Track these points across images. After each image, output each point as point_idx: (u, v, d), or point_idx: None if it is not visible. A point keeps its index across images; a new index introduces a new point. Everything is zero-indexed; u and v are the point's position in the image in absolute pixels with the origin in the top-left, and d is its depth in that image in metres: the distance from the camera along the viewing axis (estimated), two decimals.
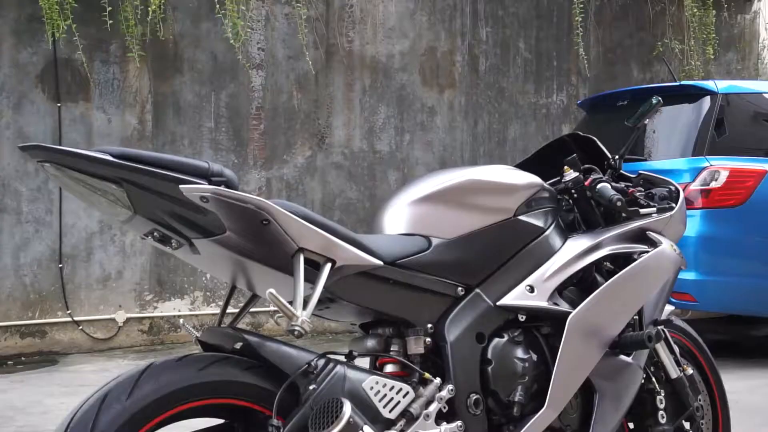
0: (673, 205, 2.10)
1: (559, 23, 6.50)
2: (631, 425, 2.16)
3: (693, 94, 4.61)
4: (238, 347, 1.53)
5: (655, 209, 2.03)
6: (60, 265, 5.07)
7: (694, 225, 4.23)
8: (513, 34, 6.38)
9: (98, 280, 5.20)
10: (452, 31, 6.19)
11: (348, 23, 5.87)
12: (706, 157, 4.34)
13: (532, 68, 6.44)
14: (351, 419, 1.38)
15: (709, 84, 4.63)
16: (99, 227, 5.20)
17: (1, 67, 4.95)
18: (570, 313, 1.78)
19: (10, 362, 4.89)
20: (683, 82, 4.76)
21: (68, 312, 5.08)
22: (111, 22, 4.85)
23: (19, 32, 5.02)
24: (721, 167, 4.30)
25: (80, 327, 5.11)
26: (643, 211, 2.01)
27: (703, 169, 4.30)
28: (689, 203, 4.26)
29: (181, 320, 1.78)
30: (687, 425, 2.21)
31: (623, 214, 2.00)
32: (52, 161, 1.34)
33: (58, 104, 5.05)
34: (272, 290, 1.38)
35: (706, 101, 4.53)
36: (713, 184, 4.26)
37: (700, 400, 2.24)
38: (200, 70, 5.46)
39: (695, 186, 4.27)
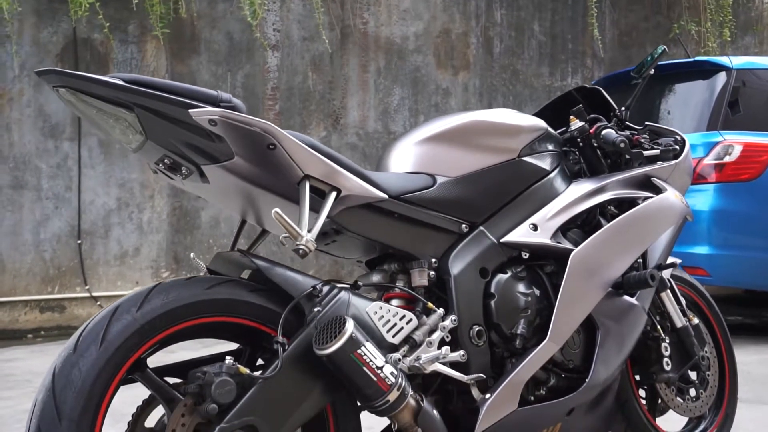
0: (676, 148, 2.11)
1: (574, 5, 6.49)
2: (637, 377, 2.18)
3: (708, 70, 4.60)
4: (246, 277, 1.57)
5: (658, 151, 2.05)
6: (79, 242, 5.15)
7: (707, 199, 4.23)
8: (527, 16, 6.39)
9: (116, 257, 5.28)
10: (466, 13, 6.21)
11: (363, 4, 5.90)
12: (720, 131, 4.33)
13: (546, 51, 6.44)
14: (353, 335, 1.41)
15: (724, 60, 4.61)
16: (117, 205, 5.28)
17: (22, 46, 5.04)
18: (573, 250, 1.80)
19: (29, 335, 4.99)
20: (698, 58, 4.74)
21: (87, 287, 5.16)
22: (136, 0, 4.91)
23: (40, 12, 5.11)
24: (735, 141, 4.29)
25: (98, 302, 5.20)
26: (646, 153, 2.03)
27: (717, 143, 4.29)
28: (702, 178, 4.25)
29: (192, 254, 1.82)
30: (693, 376, 2.23)
31: (627, 156, 2.02)
32: (67, 86, 1.38)
33: None
34: (278, 209, 1.42)
35: (721, 77, 4.52)
36: (727, 159, 4.25)
37: (706, 352, 2.25)
38: (217, 51, 5.53)
39: (709, 160, 4.26)
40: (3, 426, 2.79)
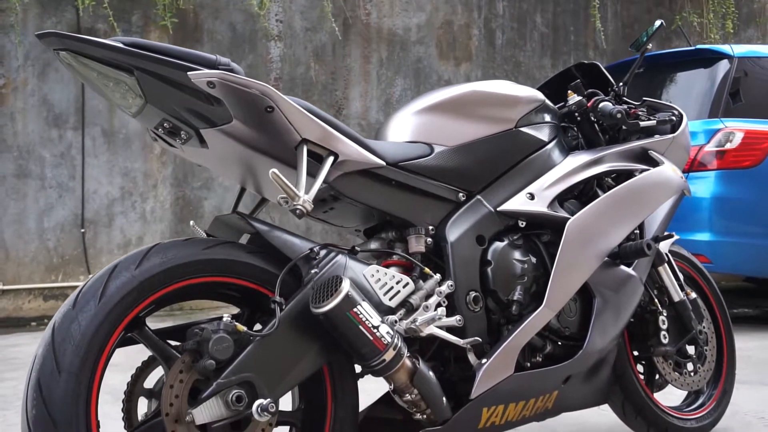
0: (673, 119, 2.12)
1: None
2: (635, 353, 2.19)
3: (709, 59, 4.60)
4: (245, 241, 1.59)
5: (654, 122, 2.06)
6: (82, 230, 5.18)
7: (708, 186, 4.23)
8: (530, 8, 6.40)
9: (119, 246, 5.31)
10: (469, 4, 6.22)
11: None
12: (721, 119, 4.33)
13: (548, 42, 6.45)
14: (349, 293, 1.42)
15: (726, 48, 4.62)
16: (120, 194, 5.31)
17: (26, 36, 5.06)
18: (569, 219, 1.81)
19: (33, 323, 5.02)
20: (699, 46, 4.74)
21: (90, 276, 5.18)
22: None
23: (44, 1, 5.13)
24: (736, 129, 4.29)
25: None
26: (643, 123, 2.04)
27: (718, 130, 4.29)
28: (703, 165, 4.26)
29: (191, 222, 1.84)
30: (691, 351, 2.24)
31: (624, 128, 2.03)
32: (67, 48, 1.40)
33: None
34: (275, 170, 1.43)
35: (722, 65, 4.53)
36: (728, 146, 4.25)
37: (704, 327, 2.26)
38: (219, 41, 5.55)
39: (710, 147, 4.26)
40: (7, 404, 2.81)
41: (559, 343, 1.81)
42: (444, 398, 1.58)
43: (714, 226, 4.22)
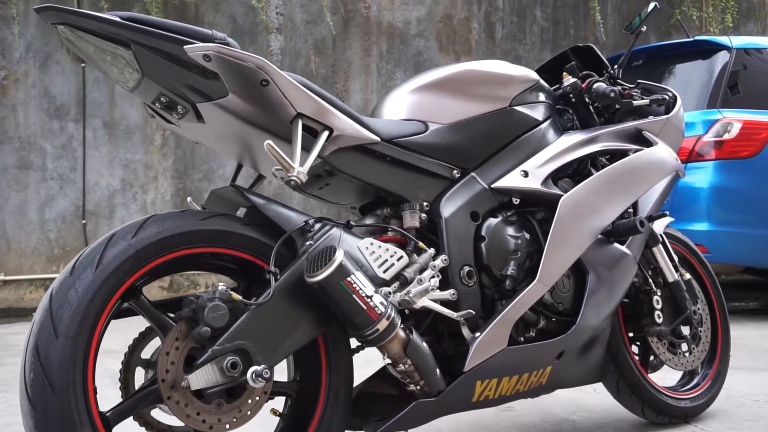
0: (666, 98, 2.14)
1: None
2: (630, 334, 2.20)
3: (707, 50, 4.61)
4: (241, 216, 1.61)
5: (647, 101, 2.08)
6: (83, 222, 5.21)
7: (706, 176, 4.24)
8: (529, 1, 6.41)
9: None
10: None
11: None
12: (719, 109, 4.35)
13: (548, 36, 6.46)
14: (343, 263, 1.44)
15: (724, 39, 4.63)
16: (121, 185, 5.33)
17: (27, 28, 5.09)
18: (562, 195, 1.83)
19: (34, 314, 5.04)
20: (698, 38, 4.75)
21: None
22: None
23: None
24: (734, 119, 4.30)
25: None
26: (636, 102, 2.06)
27: (716, 121, 4.30)
28: (701, 155, 4.27)
29: (189, 198, 1.86)
30: (686, 332, 2.25)
31: (617, 106, 2.04)
32: (65, 23, 1.42)
33: (83, 65, 5.19)
34: (270, 141, 1.45)
35: (721, 56, 4.54)
36: (726, 136, 4.26)
37: (698, 308, 2.27)
38: None
39: (708, 138, 4.27)
40: (8, 386, 2.84)
41: (553, 318, 1.83)
42: (437, 370, 1.60)
43: (712, 216, 4.23)
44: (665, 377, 2.27)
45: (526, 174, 1.85)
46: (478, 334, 1.67)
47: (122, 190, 5.34)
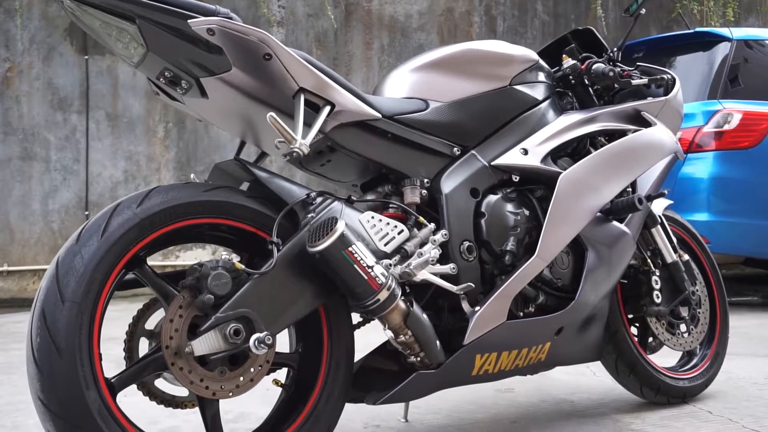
0: (664, 77, 2.16)
1: None
2: (630, 316, 2.22)
3: (708, 42, 4.63)
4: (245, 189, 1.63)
5: (646, 80, 2.10)
6: (86, 213, 5.23)
7: (706, 167, 4.26)
8: None
9: None
10: None
11: None
12: (720, 100, 4.36)
13: (550, 30, 6.48)
14: (344, 233, 1.46)
15: (725, 31, 4.64)
16: (124, 177, 5.36)
17: (31, 20, 5.12)
18: (561, 172, 1.85)
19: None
20: (698, 29, 4.77)
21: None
22: None
23: None
24: (735, 110, 4.31)
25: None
26: (635, 81, 2.08)
27: (716, 112, 4.32)
28: (702, 146, 4.29)
29: (192, 175, 1.88)
30: (685, 313, 2.27)
31: (616, 86, 2.06)
32: None
33: (86, 57, 5.21)
34: (272, 113, 1.47)
35: (721, 48, 4.55)
36: (726, 127, 4.28)
37: (697, 290, 2.29)
38: None
39: (708, 128, 4.29)
40: (12, 369, 2.87)
41: (552, 294, 1.84)
42: (437, 342, 1.62)
43: (712, 206, 4.25)
44: (664, 362, 2.29)
45: (525, 152, 1.87)
46: (477, 308, 1.69)
47: (125, 182, 5.36)
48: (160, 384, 1.55)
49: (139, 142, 5.36)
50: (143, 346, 1.52)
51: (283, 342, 1.60)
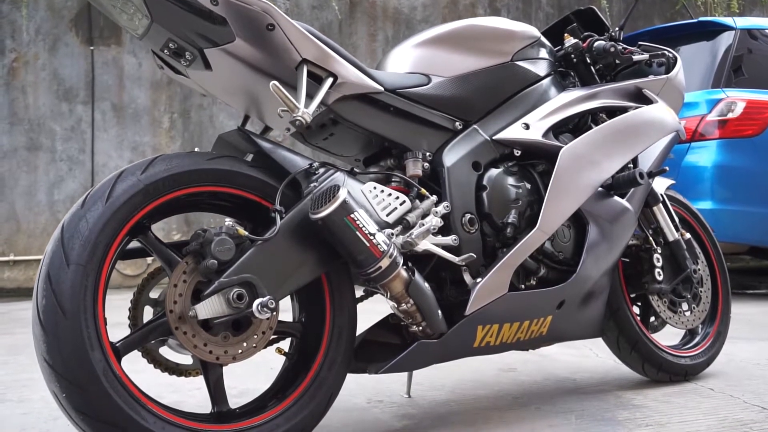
0: (666, 54, 2.16)
1: None
2: (632, 295, 2.23)
3: (712, 31, 4.63)
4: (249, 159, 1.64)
5: (647, 56, 2.10)
6: None
7: (710, 155, 4.26)
8: None
9: None
10: None
11: None
12: (723, 89, 4.36)
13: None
14: (346, 200, 1.47)
15: (728, 20, 4.65)
16: None
17: (37, 11, 5.14)
18: (563, 147, 1.86)
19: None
20: (701, 19, 4.77)
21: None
22: None
23: None
24: (738, 98, 4.32)
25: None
26: (636, 57, 2.08)
27: (720, 100, 4.32)
28: (705, 135, 4.29)
29: (196, 148, 1.89)
30: (687, 293, 2.27)
31: (617, 62, 2.07)
32: None
33: (91, 47, 5.24)
34: (275, 82, 1.48)
35: (725, 37, 4.55)
36: (730, 115, 4.28)
37: (698, 268, 2.30)
38: None
39: (712, 117, 4.29)
40: (18, 351, 2.90)
41: (553, 267, 1.85)
42: (439, 311, 1.63)
43: (716, 194, 4.25)
44: (667, 341, 2.30)
45: (527, 126, 1.88)
46: (479, 279, 1.70)
47: None
48: (164, 352, 1.56)
49: (145, 132, 5.38)
50: (147, 316, 1.54)
51: (287, 311, 1.61)
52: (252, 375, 2.29)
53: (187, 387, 2.20)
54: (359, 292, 1.78)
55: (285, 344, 1.68)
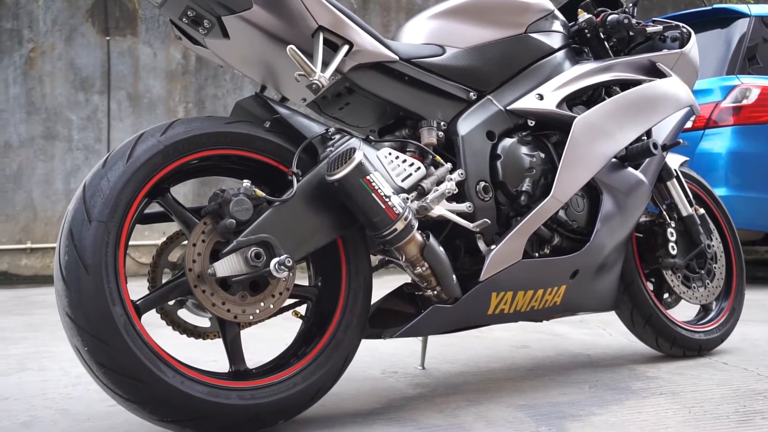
0: (681, 30, 2.16)
1: None
2: (646, 272, 2.23)
3: (726, 18, 4.61)
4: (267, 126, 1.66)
5: (661, 28, 2.11)
6: None
7: (724, 141, 4.25)
8: None
9: None
10: None
11: None
12: (738, 75, 4.35)
13: None
14: (362, 161, 1.49)
15: (743, 8, 4.63)
16: None
17: (54, 1, 5.20)
18: (577, 117, 1.87)
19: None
20: (715, 6, 4.75)
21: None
22: None
23: None
24: (753, 85, 4.30)
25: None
26: (650, 29, 2.09)
27: (735, 87, 4.30)
28: (720, 121, 4.27)
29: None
30: (701, 269, 2.27)
31: (630, 34, 2.07)
32: None
33: (107, 38, 5.29)
34: (293, 46, 1.50)
35: (739, 24, 4.54)
36: (744, 102, 4.26)
37: (712, 244, 2.30)
38: None
39: (726, 103, 4.27)
40: (37, 328, 2.94)
41: (567, 236, 1.86)
42: (454, 276, 1.64)
43: (730, 181, 4.24)
44: (681, 316, 2.30)
45: (541, 97, 1.89)
46: (493, 247, 1.71)
47: None
48: (183, 315, 1.59)
49: (160, 121, 5.40)
50: (166, 278, 1.56)
51: (303, 277, 1.63)
52: (266, 351, 2.31)
53: (204, 359, 2.22)
54: (374, 262, 1.80)
55: (302, 310, 1.70)
